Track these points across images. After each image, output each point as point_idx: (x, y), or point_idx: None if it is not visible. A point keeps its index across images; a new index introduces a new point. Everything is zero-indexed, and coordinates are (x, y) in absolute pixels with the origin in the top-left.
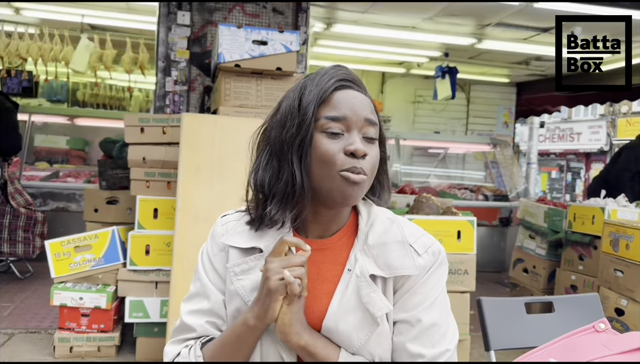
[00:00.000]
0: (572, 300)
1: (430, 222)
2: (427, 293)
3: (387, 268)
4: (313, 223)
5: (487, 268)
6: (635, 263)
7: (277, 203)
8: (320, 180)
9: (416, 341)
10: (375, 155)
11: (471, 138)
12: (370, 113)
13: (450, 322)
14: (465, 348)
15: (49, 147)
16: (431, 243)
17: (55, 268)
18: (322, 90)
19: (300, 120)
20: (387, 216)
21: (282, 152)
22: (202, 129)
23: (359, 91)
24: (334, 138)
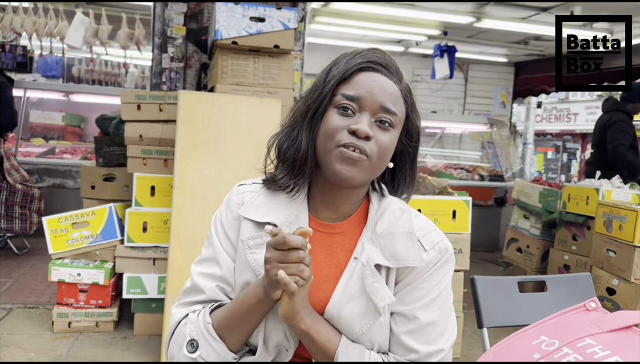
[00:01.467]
0: (564, 280)
1: (426, 202)
2: (428, 289)
3: (393, 258)
4: (322, 204)
5: (482, 247)
6: (628, 243)
7: (285, 168)
8: (322, 153)
9: (411, 336)
10: (386, 142)
11: (468, 118)
12: (390, 100)
13: (449, 321)
14: (458, 326)
15: (44, 123)
16: (440, 240)
17: (53, 244)
18: (347, 68)
19: (320, 92)
20: (399, 206)
21: (301, 119)
22: (199, 107)
23: (386, 76)
24: (343, 115)
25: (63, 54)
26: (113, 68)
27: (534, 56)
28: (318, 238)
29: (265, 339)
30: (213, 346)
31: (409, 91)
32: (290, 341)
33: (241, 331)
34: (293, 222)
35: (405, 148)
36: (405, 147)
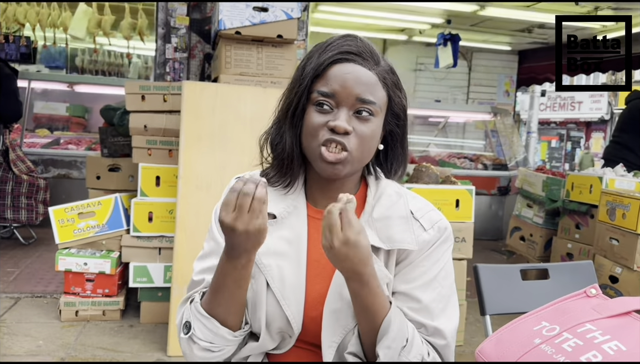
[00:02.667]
0: (566, 267)
1: (430, 191)
2: (429, 267)
3: (388, 240)
4: (319, 192)
5: (485, 236)
6: (631, 231)
7: (275, 166)
8: (307, 152)
9: (415, 312)
10: (367, 133)
11: (472, 107)
12: (367, 90)
13: (450, 299)
14: (462, 314)
15: (49, 113)
16: (438, 219)
17: (59, 234)
18: (319, 63)
19: (297, 90)
20: (396, 190)
21: (282, 118)
22: (203, 97)
23: (360, 65)
24: (321, 112)
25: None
26: (116, 59)
27: (537, 44)
28: (316, 225)
29: (267, 324)
30: (204, 323)
31: (388, 72)
32: (293, 327)
33: (224, 303)
34: (292, 212)
35: (393, 128)
36: (393, 127)
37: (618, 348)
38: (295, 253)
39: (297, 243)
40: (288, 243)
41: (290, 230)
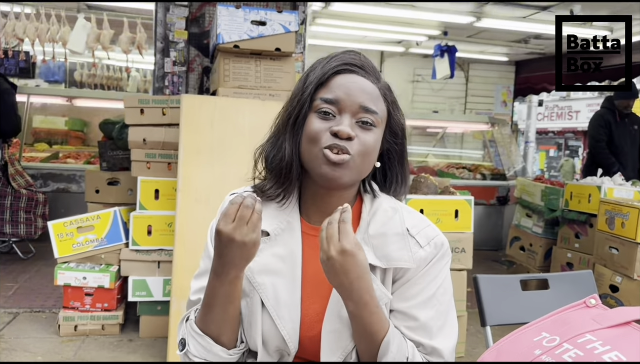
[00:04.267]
0: (566, 277)
1: (428, 202)
2: (426, 284)
3: (384, 259)
4: (314, 207)
5: (485, 246)
6: (630, 240)
7: (272, 178)
8: (307, 159)
9: (412, 331)
10: (369, 141)
11: (469, 117)
12: (370, 100)
13: (448, 316)
14: (462, 324)
15: (47, 128)
16: (435, 235)
17: (58, 248)
18: (323, 72)
19: (299, 98)
20: (391, 205)
21: (283, 128)
22: (201, 110)
23: (363, 77)
24: (324, 119)
25: (65, 59)
26: (115, 73)
27: (534, 55)
28: (312, 242)
29: (264, 342)
30: (198, 340)
31: (388, 89)
32: (290, 346)
33: (217, 320)
34: (285, 228)
35: (391, 146)
36: (391, 146)
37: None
38: (289, 270)
39: (292, 261)
40: (282, 261)
41: (284, 247)
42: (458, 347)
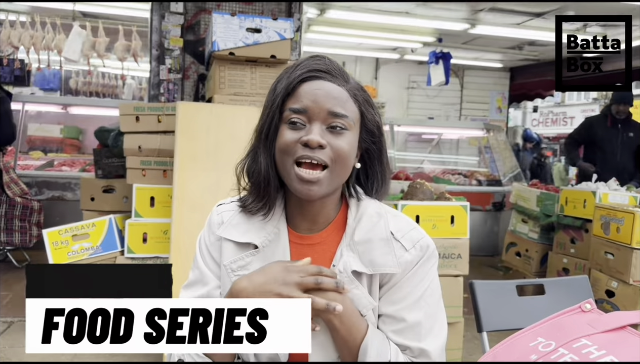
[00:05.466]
0: (562, 283)
1: (424, 207)
2: (413, 287)
3: (370, 265)
4: (299, 216)
5: (481, 252)
6: (626, 245)
7: (252, 192)
8: (282, 173)
9: (401, 334)
10: (342, 146)
11: (465, 123)
12: (338, 104)
13: (437, 318)
14: (459, 331)
15: (43, 136)
16: (420, 238)
17: (53, 256)
18: (289, 82)
19: (269, 111)
20: (376, 210)
21: (257, 141)
22: (197, 118)
23: (330, 81)
24: (294, 129)
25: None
26: (110, 80)
27: (529, 61)
28: (298, 250)
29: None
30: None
31: (358, 89)
32: (280, 356)
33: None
34: (273, 240)
35: (369, 146)
36: (369, 145)
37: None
38: None
39: None
40: None
41: (273, 258)
42: (455, 354)
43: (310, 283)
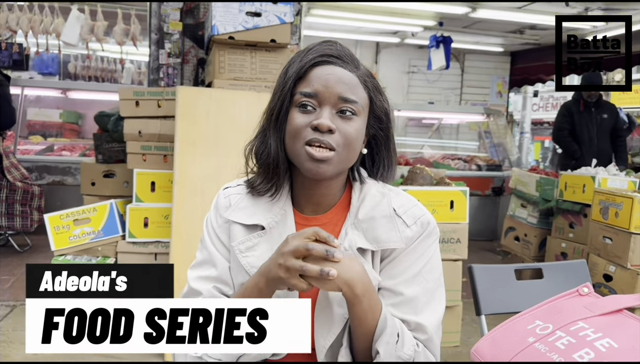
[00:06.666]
0: (560, 267)
1: (424, 193)
2: (412, 262)
3: (374, 241)
4: (305, 198)
5: (480, 236)
6: (624, 230)
7: (261, 174)
8: (292, 154)
9: (398, 308)
10: (350, 132)
11: (465, 108)
12: (348, 90)
13: (435, 293)
14: (458, 314)
15: (42, 120)
16: (421, 214)
17: (55, 241)
18: (301, 65)
19: (280, 94)
20: (379, 190)
21: (267, 124)
22: (197, 102)
23: (341, 67)
24: (304, 113)
25: (59, 50)
26: (109, 65)
27: (530, 45)
28: None
29: None
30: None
31: (368, 76)
32: None
33: None
34: (280, 221)
35: (377, 132)
36: (377, 131)
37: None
38: None
39: None
40: None
41: (280, 239)
42: (453, 336)
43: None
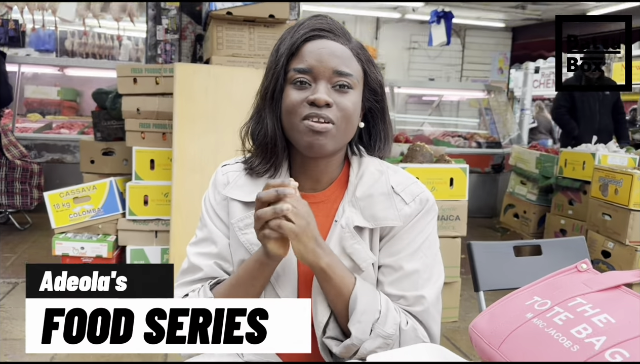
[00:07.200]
0: (559, 243)
1: (424, 170)
2: (412, 239)
3: (372, 219)
4: (303, 175)
5: (479, 214)
6: (623, 207)
7: (259, 155)
8: (289, 131)
9: (398, 284)
10: (347, 105)
11: (466, 84)
12: (342, 63)
13: (434, 268)
14: (456, 290)
15: (40, 98)
16: (420, 191)
17: (55, 219)
18: (292, 41)
19: (273, 72)
20: (377, 167)
21: (262, 103)
22: (195, 79)
23: (333, 40)
24: (300, 89)
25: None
26: (107, 41)
27: (531, 21)
28: None
29: None
30: None
31: (360, 48)
32: None
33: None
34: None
35: (372, 105)
36: (372, 104)
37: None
38: None
39: None
40: None
41: None
42: (452, 312)
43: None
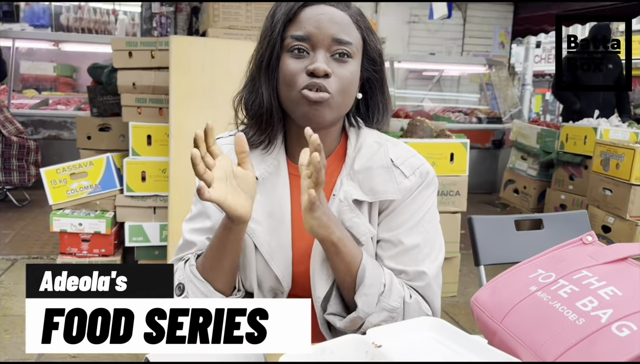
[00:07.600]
0: (560, 217)
1: (424, 145)
2: (412, 213)
3: (371, 192)
4: (299, 148)
5: (479, 189)
6: (625, 181)
7: (254, 125)
8: (286, 102)
9: (398, 259)
10: (346, 75)
11: (467, 59)
12: (342, 30)
13: (435, 243)
14: (455, 265)
15: (36, 74)
16: (420, 164)
17: (52, 195)
18: (289, 7)
19: (269, 39)
20: (375, 139)
21: (257, 72)
22: (191, 52)
23: (332, 6)
24: (298, 58)
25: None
26: (102, 16)
27: None
28: (298, 182)
29: (259, 283)
30: (198, 286)
31: (360, 15)
32: (283, 284)
33: (220, 268)
34: (273, 172)
35: (371, 75)
36: (371, 74)
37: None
38: (279, 212)
39: (280, 203)
40: (271, 204)
41: (273, 189)
42: (451, 287)
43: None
